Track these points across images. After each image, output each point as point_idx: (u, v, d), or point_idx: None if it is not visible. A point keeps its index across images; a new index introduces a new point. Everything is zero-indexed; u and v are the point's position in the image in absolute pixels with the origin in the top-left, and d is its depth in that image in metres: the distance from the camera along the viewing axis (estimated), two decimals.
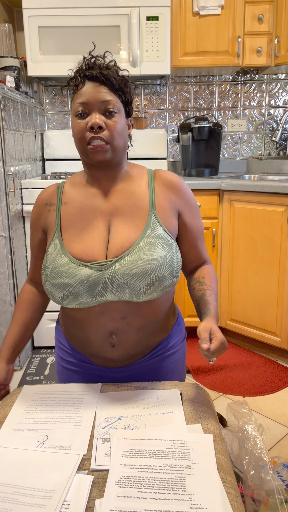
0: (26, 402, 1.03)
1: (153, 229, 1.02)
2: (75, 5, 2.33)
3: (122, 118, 1.04)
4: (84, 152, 1.03)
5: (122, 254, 0.99)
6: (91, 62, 1.04)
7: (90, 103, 1.00)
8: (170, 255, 1.00)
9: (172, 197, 1.08)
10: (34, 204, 1.14)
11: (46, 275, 1.02)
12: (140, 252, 0.98)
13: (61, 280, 0.99)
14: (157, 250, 0.99)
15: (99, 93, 1.00)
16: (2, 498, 0.74)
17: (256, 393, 2.01)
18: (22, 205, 2.30)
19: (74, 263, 0.99)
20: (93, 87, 1.01)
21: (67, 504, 0.73)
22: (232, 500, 0.76)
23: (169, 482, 0.77)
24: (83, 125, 1.00)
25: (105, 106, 1.00)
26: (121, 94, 1.04)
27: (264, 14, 2.43)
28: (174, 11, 2.42)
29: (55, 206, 1.09)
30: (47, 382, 2.13)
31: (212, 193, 2.33)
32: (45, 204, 1.11)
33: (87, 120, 1.00)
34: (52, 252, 1.03)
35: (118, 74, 1.05)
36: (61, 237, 1.05)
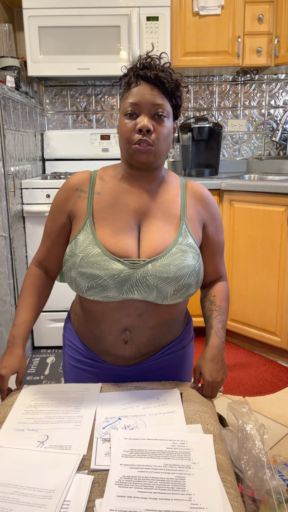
0: (26, 402, 1.03)
1: (185, 237, 1.04)
2: (75, 5, 2.33)
3: (170, 122, 1.04)
4: (128, 151, 1.03)
5: (156, 256, 1.01)
6: (147, 62, 1.02)
7: (141, 105, 1.00)
8: (199, 264, 1.04)
9: (200, 209, 1.11)
10: (62, 187, 1.11)
11: (74, 262, 1.01)
12: (172, 258, 1.00)
13: (91, 270, 0.99)
14: (188, 258, 1.02)
15: (152, 96, 0.99)
16: (2, 498, 0.74)
17: (256, 393, 2.01)
18: (22, 205, 2.30)
19: (107, 256, 1.00)
20: (146, 88, 1.00)
21: (67, 504, 0.73)
22: (232, 500, 0.76)
23: (169, 482, 0.77)
24: (131, 126, 1.01)
25: (155, 109, 1.00)
26: (172, 98, 1.03)
27: (264, 14, 2.43)
28: (174, 11, 2.42)
29: (87, 193, 1.08)
30: (47, 382, 2.13)
31: (212, 193, 2.32)
32: (75, 190, 1.09)
33: (136, 121, 1.00)
34: (83, 241, 1.02)
35: (171, 77, 1.03)
36: (93, 227, 1.04)
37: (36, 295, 1.14)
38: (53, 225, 1.11)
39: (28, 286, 1.15)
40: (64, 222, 1.10)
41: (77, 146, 2.78)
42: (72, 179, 1.11)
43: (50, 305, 2.42)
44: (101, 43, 2.38)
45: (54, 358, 2.37)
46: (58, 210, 1.11)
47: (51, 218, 1.12)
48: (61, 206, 1.10)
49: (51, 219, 1.12)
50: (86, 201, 1.07)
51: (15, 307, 2.21)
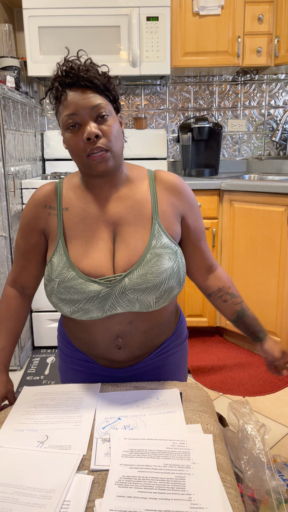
0: (26, 402, 1.03)
1: (158, 238, 0.99)
2: (75, 5, 2.33)
3: (115, 119, 0.98)
4: (84, 164, 0.97)
5: (131, 268, 0.97)
6: (68, 66, 0.95)
7: (79, 113, 0.93)
8: (176, 264, 0.99)
9: (174, 202, 1.05)
10: (29, 203, 1.06)
11: (53, 288, 0.98)
12: (148, 265, 0.96)
13: (69, 296, 0.97)
14: (164, 262, 0.97)
15: (86, 100, 0.93)
16: (2, 498, 0.74)
17: (256, 393, 2.01)
18: (22, 205, 2.30)
19: (82, 278, 0.96)
20: (78, 94, 0.94)
21: (67, 504, 0.73)
22: (232, 500, 0.76)
23: (169, 482, 0.77)
24: (78, 138, 0.94)
25: (95, 111, 0.94)
26: (108, 93, 0.97)
27: (264, 14, 2.43)
28: (174, 11, 2.42)
29: (56, 210, 1.03)
30: (47, 382, 2.13)
31: (212, 193, 2.33)
32: (44, 206, 1.04)
33: (81, 131, 0.94)
34: (58, 264, 0.99)
35: (99, 73, 0.96)
36: (66, 248, 1.00)
37: (14, 318, 1.11)
38: (27, 244, 1.06)
39: (5, 310, 1.11)
40: (37, 240, 1.06)
41: None
42: (38, 194, 1.05)
43: (50, 305, 2.42)
44: (101, 43, 2.38)
45: (54, 358, 2.37)
46: (30, 229, 1.05)
47: (23, 236, 1.07)
48: (32, 224, 1.05)
49: (23, 238, 1.07)
50: (56, 219, 1.03)
51: None
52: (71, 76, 0.94)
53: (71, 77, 0.94)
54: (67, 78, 0.94)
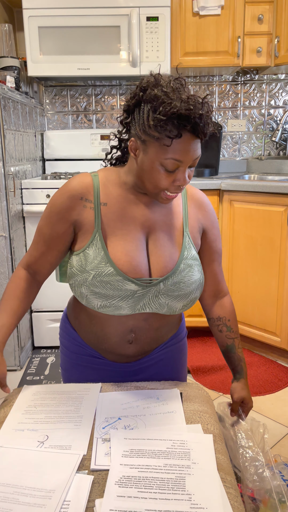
0: (26, 402, 1.03)
1: (189, 250, 1.04)
2: (75, 5, 2.33)
3: None
4: (154, 194, 0.98)
5: (167, 274, 1.01)
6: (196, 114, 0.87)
7: (185, 162, 0.92)
8: (202, 276, 1.06)
9: (200, 218, 1.10)
10: (63, 193, 1.03)
11: (85, 279, 0.99)
12: (181, 275, 1.01)
13: (104, 290, 0.98)
14: (194, 273, 1.03)
15: (195, 151, 0.92)
16: (2, 498, 0.74)
17: (256, 393, 2.01)
18: (22, 205, 2.30)
19: (120, 276, 0.98)
20: (191, 143, 0.90)
21: (67, 504, 0.73)
22: (232, 500, 0.76)
23: (169, 482, 0.77)
24: (170, 179, 0.94)
25: (194, 163, 0.95)
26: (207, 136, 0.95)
27: (264, 14, 2.43)
28: (174, 11, 2.42)
29: (93, 204, 1.02)
30: (47, 382, 2.13)
31: (212, 193, 2.33)
32: (80, 198, 1.02)
33: (174, 176, 0.94)
34: (94, 257, 0.99)
35: (210, 116, 0.92)
36: (104, 242, 1.01)
37: (20, 299, 1.08)
38: (52, 232, 1.04)
39: (13, 289, 1.08)
40: (66, 230, 1.04)
41: (77, 146, 2.78)
42: (74, 185, 1.03)
43: (50, 305, 2.42)
44: (101, 43, 2.38)
45: (54, 358, 2.37)
46: (59, 217, 1.03)
47: (49, 223, 1.05)
48: (63, 214, 1.02)
49: (49, 225, 1.05)
50: (92, 212, 1.02)
51: None
52: (200, 124, 0.88)
53: (194, 124, 0.88)
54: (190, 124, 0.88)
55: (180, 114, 0.86)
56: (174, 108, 0.86)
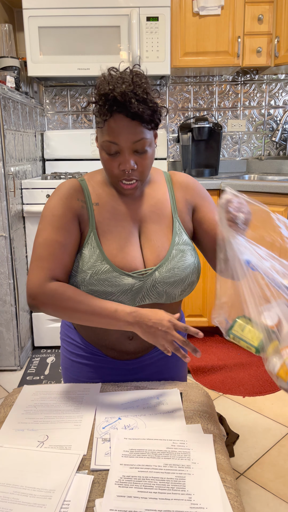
0: (26, 402, 1.03)
1: (180, 235, 1.06)
2: (75, 5, 2.33)
3: (152, 147, 0.98)
4: (114, 183, 1.02)
5: (160, 263, 1.03)
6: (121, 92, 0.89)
7: (120, 143, 0.93)
8: (197, 259, 1.07)
9: (188, 198, 1.11)
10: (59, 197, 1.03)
11: (83, 279, 1.00)
12: (174, 261, 1.03)
13: (102, 288, 1.00)
14: (188, 257, 1.05)
15: (130, 132, 0.92)
16: (2, 498, 0.74)
17: (256, 393, 2.01)
18: (22, 205, 2.30)
19: (116, 272, 1.00)
20: (123, 123, 0.91)
21: (67, 504, 0.73)
22: (232, 500, 0.76)
23: (169, 482, 0.77)
24: (114, 164, 0.97)
25: (136, 146, 0.94)
26: (152, 123, 0.95)
27: (264, 14, 2.43)
28: (174, 11, 2.42)
29: (86, 204, 1.05)
30: (47, 382, 2.13)
31: (212, 193, 2.33)
32: (77, 199, 1.04)
33: (118, 160, 0.96)
34: (90, 256, 1.01)
35: (151, 100, 0.92)
36: (99, 241, 1.03)
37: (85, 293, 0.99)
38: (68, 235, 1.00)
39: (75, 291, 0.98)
40: (77, 230, 1.03)
41: (77, 146, 2.78)
42: (67, 189, 1.04)
43: None
44: (101, 43, 2.38)
45: (54, 358, 2.37)
46: (68, 219, 1.01)
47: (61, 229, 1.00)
48: (69, 215, 1.01)
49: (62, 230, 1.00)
50: (87, 212, 1.04)
51: (15, 307, 2.21)
52: (122, 102, 0.89)
53: (122, 104, 0.89)
54: (117, 104, 0.89)
55: (106, 94, 0.90)
56: (102, 90, 0.91)
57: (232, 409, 1.89)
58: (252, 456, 1.60)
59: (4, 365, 2.26)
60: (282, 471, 1.52)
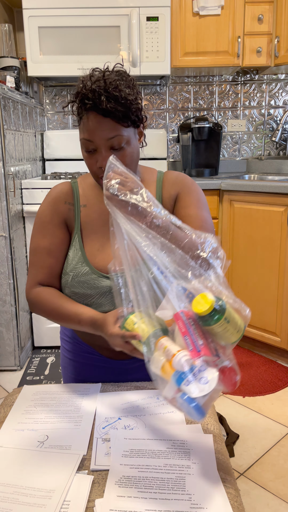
0: (26, 402, 1.03)
1: None
2: (75, 5, 2.33)
3: (131, 145, 0.96)
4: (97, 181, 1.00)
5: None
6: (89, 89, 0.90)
7: (95, 141, 0.93)
8: None
9: (172, 193, 1.08)
10: (48, 202, 1.06)
11: (67, 281, 1.02)
12: None
13: (82, 290, 1.01)
14: None
15: (103, 130, 0.92)
16: (2, 498, 0.74)
17: (256, 393, 2.01)
18: (22, 205, 2.30)
19: (95, 274, 1.00)
20: (96, 121, 0.91)
21: (67, 504, 0.73)
22: (232, 500, 0.76)
23: (169, 482, 0.77)
24: (92, 162, 0.97)
25: (111, 143, 0.93)
26: (128, 119, 0.94)
27: (264, 14, 2.43)
28: (174, 11, 2.42)
29: (74, 206, 1.06)
30: (47, 382, 2.13)
31: (212, 193, 2.33)
32: (64, 202, 1.06)
33: (95, 158, 0.95)
34: (73, 258, 1.02)
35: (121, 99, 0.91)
36: (82, 243, 1.03)
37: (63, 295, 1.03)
38: (53, 240, 1.04)
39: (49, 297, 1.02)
40: (65, 234, 1.05)
41: (77, 146, 2.78)
42: (55, 192, 1.07)
43: None
44: (101, 43, 2.38)
45: (54, 358, 2.37)
46: (54, 224, 1.05)
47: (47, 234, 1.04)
48: (56, 220, 1.05)
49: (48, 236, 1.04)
50: (73, 215, 1.06)
51: (15, 307, 2.21)
52: (92, 99, 0.89)
53: (92, 100, 0.90)
54: (89, 101, 0.90)
55: (78, 92, 0.92)
56: (77, 88, 0.93)
57: (232, 409, 1.89)
58: (252, 456, 1.60)
59: (4, 365, 2.26)
60: (282, 471, 1.52)
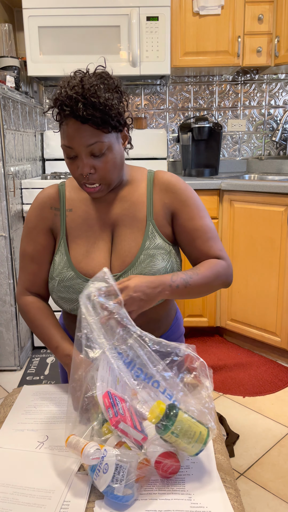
0: (26, 402, 1.02)
1: (152, 239, 1.02)
2: (75, 5, 2.33)
3: (113, 150, 0.95)
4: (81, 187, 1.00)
5: (125, 269, 1.00)
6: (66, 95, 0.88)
7: (74, 147, 0.92)
8: (170, 264, 1.02)
9: (166, 202, 1.05)
10: (34, 207, 1.07)
11: (53, 286, 1.02)
12: (141, 266, 0.99)
13: (68, 295, 1.01)
14: (157, 262, 1.00)
15: (82, 136, 0.90)
16: (2, 498, 0.74)
17: (256, 393, 2.01)
18: (22, 205, 2.30)
19: (80, 279, 1.00)
20: (75, 127, 0.90)
21: (67, 504, 0.73)
22: (232, 500, 0.76)
23: (168, 482, 0.77)
24: (74, 168, 0.96)
25: (91, 150, 0.92)
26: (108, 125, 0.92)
27: (264, 14, 2.43)
28: (174, 11, 2.42)
29: (60, 211, 1.06)
30: (47, 382, 2.13)
31: (212, 193, 2.33)
32: (50, 207, 1.06)
33: (76, 163, 0.94)
34: (59, 263, 1.02)
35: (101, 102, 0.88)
36: (67, 247, 1.03)
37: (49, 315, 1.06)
38: (36, 246, 1.06)
39: (37, 312, 1.06)
40: (47, 241, 1.06)
41: None
42: (42, 197, 1.07)
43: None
44: (101, 43, 2.38)
45: (54, 358, 2.37)
46: (38, 230, 1.05)
47: (31, 240, 1.06)
48: (40, 226, 1.05)
49: (32, 242, 1.06)
50: (59, 219, 1.05)
51: (15, 307, 2.21)
52: (69, 106, 0.88)
53: (69, 107, 0.88)
54: (67, 108, 0.88)
55: (56, 99, 0.91)
56: (55, 95, 0.92)
57: (232, 409, 1.89)
58: (252, 456, 1.60)
59: (4, 365, 2.26)
60: (282, 471, 1.52)
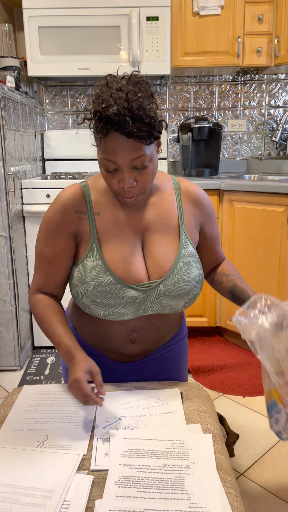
0: (26, 402, 1.03)
1: (186, 247, 1.04)
2: (75, 5, 2.33)
3: (153, 161, 0.93)
4: (116, 197, 0.99)
5: (165, 275, 1.01)
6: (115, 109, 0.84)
7: (117, 161, 0.89)
8: (201, 271, 1.06)
9: (196, 213, 1.10)
10: (57, 208, 1.03)
11: (86, 290, 0.99)
12: (180, 273, 1.01)
13: (106, 300, 0.99)
14: (193, 270, 1.03)
15: (127, 151, 0.88)
16: (2, 498, 0.74)
17: (256, 393, 2.01)
18: (22, 205, 2.30)
19: (120, 284, 0.98)
20: (120, 141, 0.87)
21: (67, 504, 0.73)
22: (232, 500, 0.76)
23: (168, 482, 0.77)
24: (114, 180, 0.93)
25: (134, 164, 0.90)
26: (152, 135, 0.90)
27: (264, 14, 2.43)
28: (174, 11, 2.42)
29: (87, 215, 1.02)
30: (47, 382, 2.13)
31: (212, 193, 2.33)
32: (75, 211, 1.02)
33: (117, 177, 0.92)
34: (93, 267, 0.99)
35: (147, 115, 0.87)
36: (101, 252, 1.01)
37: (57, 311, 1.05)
38: (55, 249, 1.03)
39: (45, 309, 1.05)
40: (67, 244, 1.03)
41: (77, 146, 2.78)
42: (67, 199, 1.02)
43: None
44: (101, 43, 2.38)
45: (54, 358, 2.37)
46: (59, 234, 1.02)
47: (51, 243, 1.03)
48: (62, 229, 1.02)
49: (51, 245, 1.03)
50: (88, 223, 1.02)
51: (15, 307, 2.21)
52: (116, 123, 0.85)
53: (116, 123, 0.85)
54: (111, 123, 0.85)
55: (99, 112, 0.86)
56: (97, 107, 0.87)
57: (232, 409, 1.89)
58: (252, 456, 1.60)
59: (4, 365, 2.26)
60: (282, 471, 1.52)
